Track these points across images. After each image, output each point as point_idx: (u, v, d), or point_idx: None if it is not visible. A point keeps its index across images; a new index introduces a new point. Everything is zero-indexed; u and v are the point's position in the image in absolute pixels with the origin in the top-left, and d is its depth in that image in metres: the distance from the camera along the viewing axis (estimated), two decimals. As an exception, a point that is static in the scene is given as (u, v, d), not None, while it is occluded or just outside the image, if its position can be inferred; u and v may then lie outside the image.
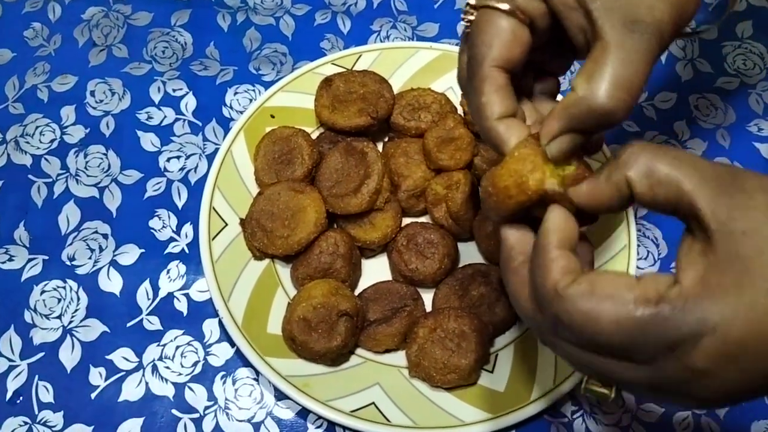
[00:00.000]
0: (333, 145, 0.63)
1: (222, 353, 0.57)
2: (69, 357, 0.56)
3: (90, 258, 0.61)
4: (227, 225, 0.59)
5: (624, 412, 0.55)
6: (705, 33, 0.74)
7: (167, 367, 0.56)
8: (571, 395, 0.54)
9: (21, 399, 0.55)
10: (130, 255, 0.61)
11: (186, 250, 0.61)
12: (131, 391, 0.55)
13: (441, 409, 0.52)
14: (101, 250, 0.61)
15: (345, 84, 0.64)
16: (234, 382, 0.56)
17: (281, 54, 0.73)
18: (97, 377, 0.55)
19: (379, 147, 0.65)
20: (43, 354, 0.56)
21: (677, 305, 0.28)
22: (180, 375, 0.56)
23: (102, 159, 0.66)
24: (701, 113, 0.70)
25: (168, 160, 0.66)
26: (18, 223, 0.62)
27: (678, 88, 0.72)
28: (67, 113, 0.69)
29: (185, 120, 0.69)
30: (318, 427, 0.54)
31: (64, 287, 0.59)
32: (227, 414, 0.54)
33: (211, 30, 0.75)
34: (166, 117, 0.69)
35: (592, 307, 0.30)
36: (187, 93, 0.70)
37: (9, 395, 0.55)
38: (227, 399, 0.55)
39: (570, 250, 0.33)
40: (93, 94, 0.70)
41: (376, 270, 0.60)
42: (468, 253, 0.61)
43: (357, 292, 0.59)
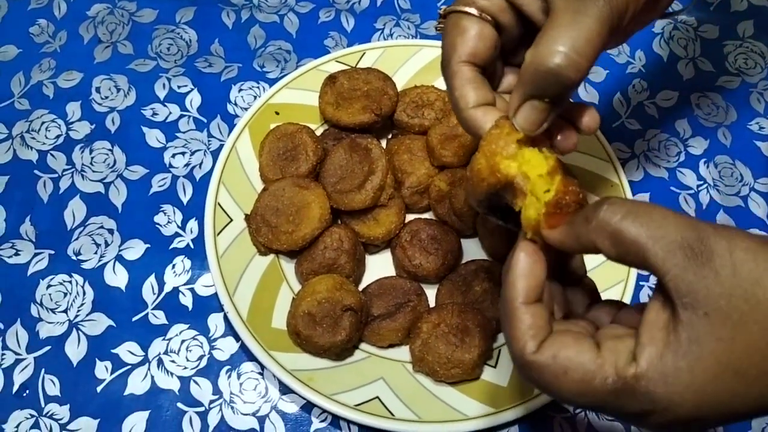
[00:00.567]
0: (337, 142, 0.63)
1: (227, 347, 0.57)
2: (75, 351, 0.57)
3: (96, 253, 0.61)
4: (232, 220, 0.60)
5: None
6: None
7: (173, 361, 0.56)
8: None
9: (27, 392, 0.55)
10: (135, 250, 0.61)
11: (191, 245, 0.62)
12: (137, 385, 0.55)
13: (444, 404, 0.53)
14: (107, 245, 0.62)
15: (349, 81, 0.65)
16: (239, 376, 0.56)
17: (285, 51, 0.74)
18: (103, 371, 0.56)
19: (383, 144, 0.65)
20: (50, 348, 0.57)
21: (631, 387, 0.31)
22: (185, 369, 0.56)
23: (107, 155, 0.67)
24: (703, 112, 0.70)
25: (173, 156, 0.67)
26: (24, 218, 0.63)
27: (680, 86, 0.72)
28: (73, 109, 0.69)
29: (190, 116, 0.69)
30: (322, 421, 0.54)
31: (70, 282, 0.60)
32: (232, 408, 0.55)
33: (216, 27, 0.75)
34: (171, 113, 0.69)
35: (554, 380, 0.33)
36: (192, 90, 0.71)
37: (16, 388, 0.55)
38: (232, 393, 0.55)
39: (536, 299, 0.35)
40: (98, 90, 0.70)
41: (380, 266, 0.61)
42: (471, 249, 0.61)
43: (361, 287, 0.59)
